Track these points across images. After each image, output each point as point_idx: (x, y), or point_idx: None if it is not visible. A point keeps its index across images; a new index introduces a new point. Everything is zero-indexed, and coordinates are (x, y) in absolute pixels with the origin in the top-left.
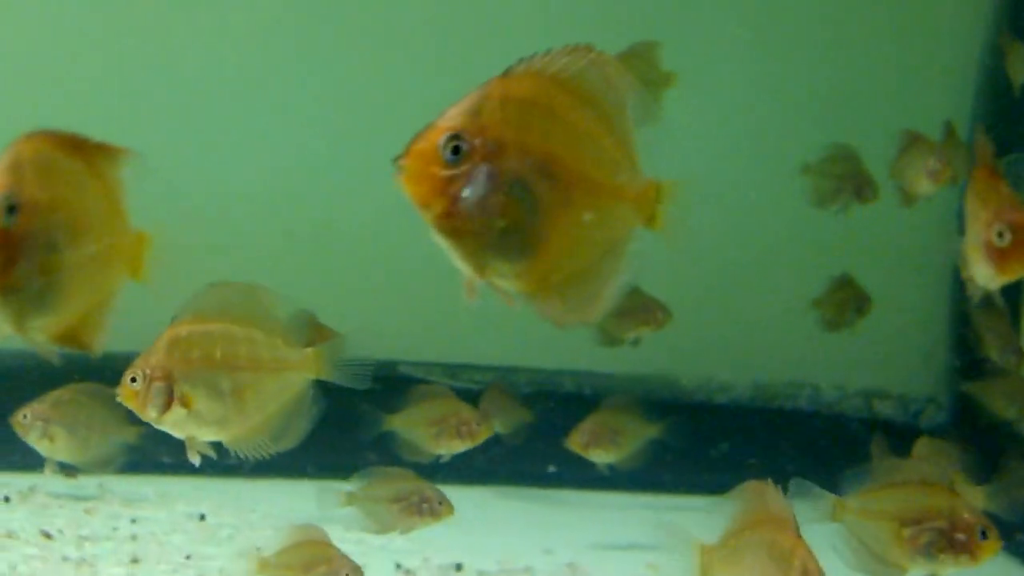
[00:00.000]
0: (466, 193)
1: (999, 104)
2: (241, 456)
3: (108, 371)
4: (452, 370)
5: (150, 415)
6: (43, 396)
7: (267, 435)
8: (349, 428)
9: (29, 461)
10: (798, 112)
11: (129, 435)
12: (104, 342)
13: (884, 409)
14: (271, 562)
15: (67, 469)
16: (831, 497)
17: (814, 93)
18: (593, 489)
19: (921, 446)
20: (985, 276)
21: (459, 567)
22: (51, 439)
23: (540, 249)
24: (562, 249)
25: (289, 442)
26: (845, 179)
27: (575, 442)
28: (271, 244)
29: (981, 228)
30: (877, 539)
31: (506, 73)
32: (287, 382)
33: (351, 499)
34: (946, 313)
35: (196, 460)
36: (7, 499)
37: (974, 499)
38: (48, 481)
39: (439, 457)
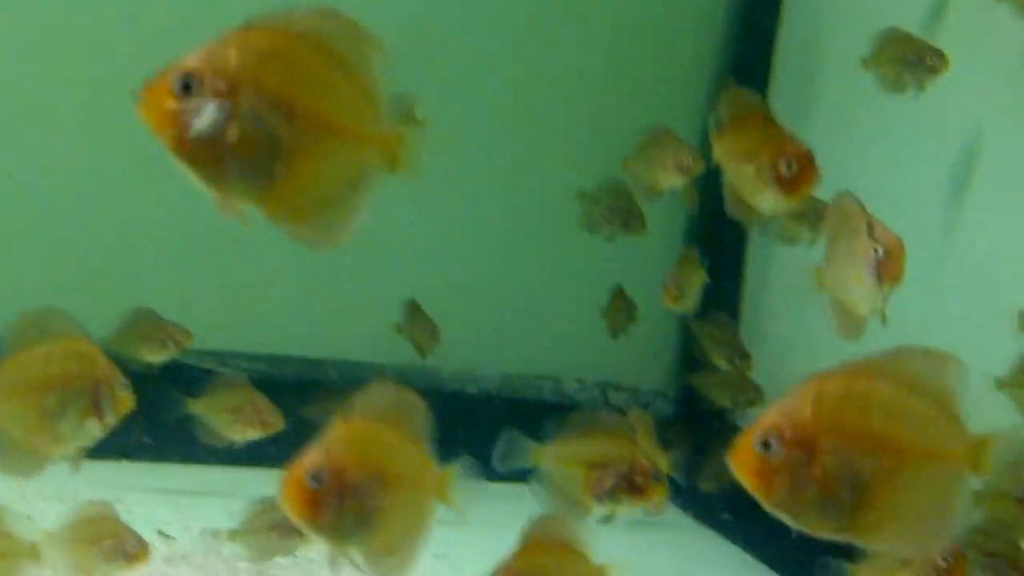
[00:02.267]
0: (195, 122)
1: None
2: None
3: None
4: (223, 358)
5: None
6: None
7: None
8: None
9: None
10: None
11: None
12: None
13: (618, 400)
14: (58, 536)
15: None
16: (532, 444)
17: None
18: None
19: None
20: (773, 202)
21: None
22: None
23: (280, 179)
24: (304, 181)
25: None
26: (614, 210)
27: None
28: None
29: (766, 163)
30: (569, 482)
31: (247, 23)
32: None
33: (233, 536)
34: (673, 318)
35: None
36: None
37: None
38: None
39: (233, 443)
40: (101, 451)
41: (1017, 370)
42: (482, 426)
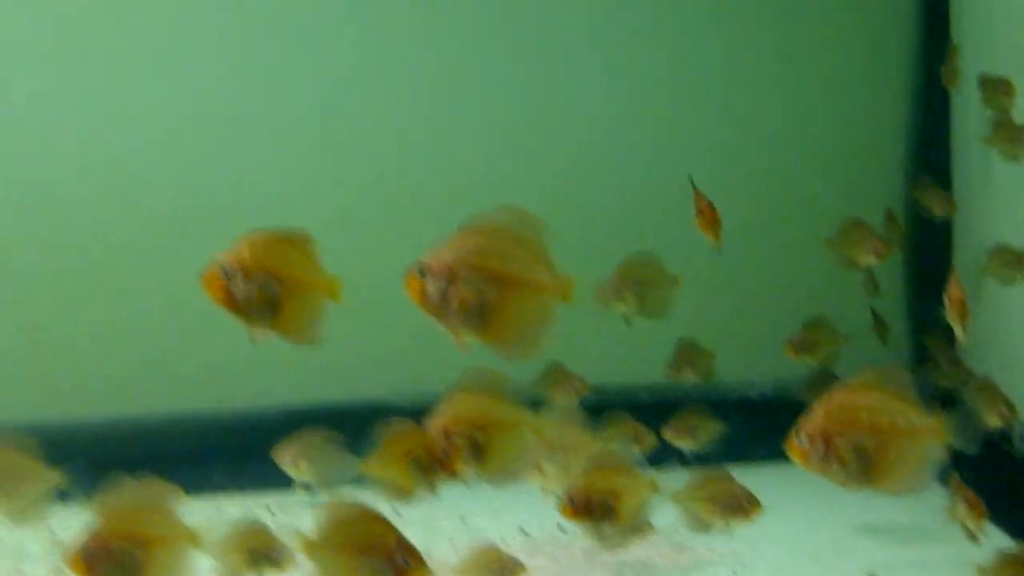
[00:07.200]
0: (431, 293)
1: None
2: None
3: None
4: None
5: None
6: None
7: None
8: None
9: None
10: None
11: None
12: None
13: None
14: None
15: None
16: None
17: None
18: None
19: None
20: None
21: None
22: None
23: (492, 320)
24: (508, 320)
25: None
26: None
27: None
28: None
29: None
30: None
31: (461, 226)
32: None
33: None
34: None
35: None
36: None
37: None
38: None
39: None
40: None
41: None
42: None
